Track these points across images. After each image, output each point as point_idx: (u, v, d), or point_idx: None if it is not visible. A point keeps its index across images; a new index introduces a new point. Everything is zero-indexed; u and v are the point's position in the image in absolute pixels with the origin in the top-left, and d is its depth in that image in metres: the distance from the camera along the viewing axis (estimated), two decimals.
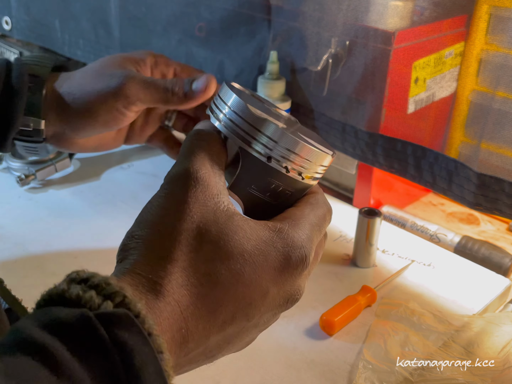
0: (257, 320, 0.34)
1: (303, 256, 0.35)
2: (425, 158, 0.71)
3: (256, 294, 0.33)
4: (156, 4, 1.00)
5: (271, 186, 0.36)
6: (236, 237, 0.33)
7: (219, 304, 0.32)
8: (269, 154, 0.35)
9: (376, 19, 0.71)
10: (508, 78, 0.61)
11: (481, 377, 0.53)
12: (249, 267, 0.32)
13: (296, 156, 0.36)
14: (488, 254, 0.73)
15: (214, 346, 0.33)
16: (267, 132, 0.35)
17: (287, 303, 0.35)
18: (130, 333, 0.26)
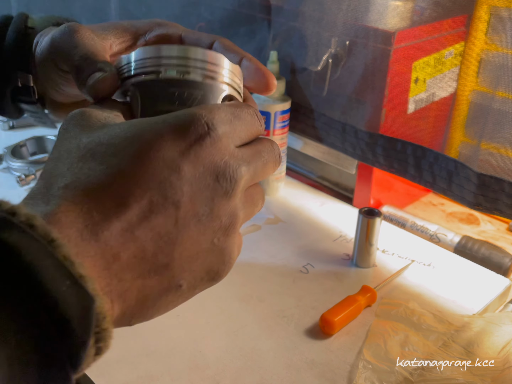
0: (189, 205, 0.30)
1: (207, 122, 0.31)
2: (425, 158, 0.71)
3: (163, 170, 0.29)
4: (156, 4, 1.00)
5: (174, 95, 0.36)
6: (116, 127, 0.31)
7: (123, 192, 0.28)
8: (150, 70, 0.36)
9: (376, 19, 0.71)
10: (508, 78, 0.61)
11: (481, 377, 0.53)
12: (143, 142, 0.29)
13: (171, 58, 0.36)
14: (488, 254, 0.73)
15: (153, 247, 0.29)
16: (137, 56, 0.37)
17: (218, 181, 0.30)
18: (10, 230, 0.24)
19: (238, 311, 0.62)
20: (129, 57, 0.37)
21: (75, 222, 0.27)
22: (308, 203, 0.85)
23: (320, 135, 0.84)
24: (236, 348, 0.57)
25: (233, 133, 0.32)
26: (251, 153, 0.33)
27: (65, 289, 0.24)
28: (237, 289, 0.65)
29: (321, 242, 0.75)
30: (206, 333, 0.58)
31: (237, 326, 0.60)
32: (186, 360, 0.55)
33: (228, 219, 0.33)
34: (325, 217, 0.82)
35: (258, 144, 0.35)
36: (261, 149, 0.34)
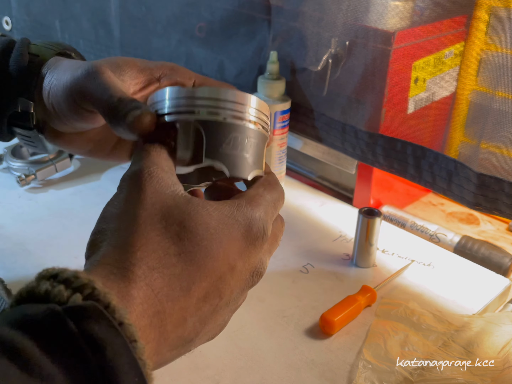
0: (228, 297, 0.35)
1: (262, 227, 0.36)
2: (425, 158, 0.71)
3: (225, 268, 0.34)
4: (156, 4, 1.00)
5: (237, 141, 0.38)
6: (199, 215, 0.33)
7: (192, 282, 0.32)
8: (226, 114, 0.38)
9: (376, 19, 0.71)
10: (507, 78, 0.61)
11: (481, 377, 0.53)
12: (216, 241, 0.33)
13: (247, 107, 0.39)
14: (488, 254, 0.73)
15: (191, 329, 0.33)
16: (214, 95, 0.38)
17: (252, 277, 0.37)
18: (100, 325, 0.26)
19: (238, 311, 0.62)
20: (176, 92, 0.38)
21: (149, 310, 0.30)
22: (308, 203, 0.85)
23: (320, 135, 0.84)
24: (236, 348, 0.57)
25: (276, 242, 0.40)
26: (272, 240, 0.40)
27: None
28: None
29: (321, 242, 0.75)
30: None
31: (237, 326, 0.60)
32: (186, 360, 0.55)
33: (243, 301, 0.39)
34: (325, 217, 0.82)
35: (275, 227, 0.40)
36: (277, 233, 0.41)
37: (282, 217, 0.42)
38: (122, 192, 0.35)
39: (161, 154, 0.37)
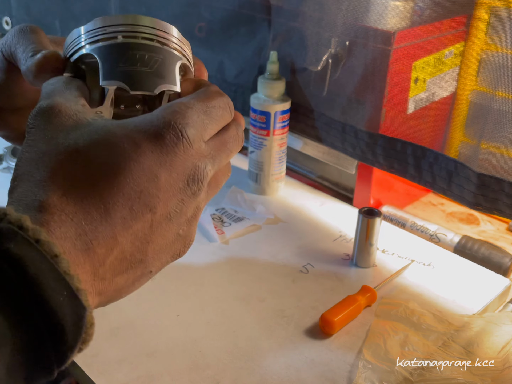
0: (163, 209, 0.32)
1: (182, 129, 0.32)
2: (425, 158, 0.71)
3: (142, 180, 0.31)
4: (156, 4, 1.00)
5: (135, 57, 0.37)
6: (102, 132, 0.32)
7: (106, 201, 0.30)
8: (116, 34, 0.37)
9: (376, 19, 0.71)
10: (507, 78, 0.61)
11: (481, 376, 0.53)
12: (122, 152, 0.31)
13: (143, 27, 0.38)
14: (488, 254, 0.73)
15: (131, 248, 0.32)
16: (106, 23, 0.38)
17: (189, 185, 0.33)
18: (16, 242, 0.26)
19: (238, 311, 0.62)
20: (78, 31, 0.38)
21: (68, 232, 0.29)
22: (308, 203, 0.85)
23: (320, 135, 0.84)
24: (236, 348, 0.57)
25: (204, 133, 0.35)
26: (217, 146, 0.36)
27: (62, 299, 0.27)
28: (237, 289, 0.65)
29: (321, 242, 0.75)
30: (206, 333, 0.59)
31: (237, 326, 0.60)
32: (186, 360, 0.55)
33: (193, 212, 0.35)
34: (325, 217, 0.82)
35: (224, 133, 0.37)
36: (226, 140, 0.37)
37: (240, 124, 0.38)
38: (31, 134, 0.33)
39: (65, 87, 0.35)
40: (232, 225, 0.77)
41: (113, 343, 0.57)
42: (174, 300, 0.63)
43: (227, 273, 0.68)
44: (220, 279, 0.67)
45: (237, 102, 0.94)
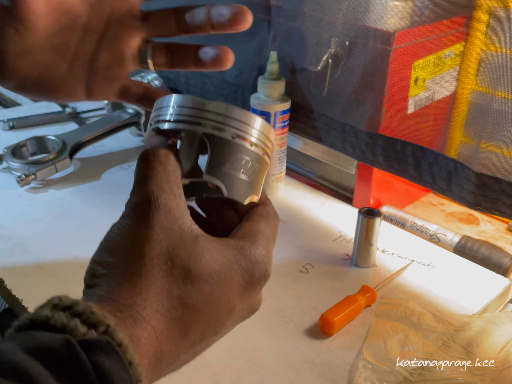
0: (223, 333, 0.37)
1: (265, 271, 0.37)
2: (425, 158, 0.71)
3: (224, 311, 0.35)
4: (156, 4, 1.00)
5: (242, 162, 0.38)
6: (204, 259, 0.34)
7: (191, 325, 0.33)
8: (233, 132, 0.37)
9: (376, 19, 0.71)
10: (507, 78, 0.61)
11: (481, 376, 0.53)
12: (218, 286, 0.34)
13: (255, 130, 0.38)
14: (487, 254, 0.73)
15: (183, 362, 0.36)
16: (221, 111, 0.37)
17: (249, 314, 0.38)
18: (111, 360, 0.27)
19: None
20: (195, 101, 0.37)
21: (149, 350, 0.31)
22: (308, 203, 0.85)
23: (320, 135, 0.84)
24: (236, 348, 0.57)
25: None
26: None
27: None
28: None
29: (321, 242, 0.75)
30: None
31: (237, 326, 0.60)
32: None
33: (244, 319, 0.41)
34: (325, 217, 0.82)
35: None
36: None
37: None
38: (128, 222, 0.34)
39: (167, 169, 0.36)
40: None
41: None
42: None
43: None
44: None
45: (237, 102, 0.94)
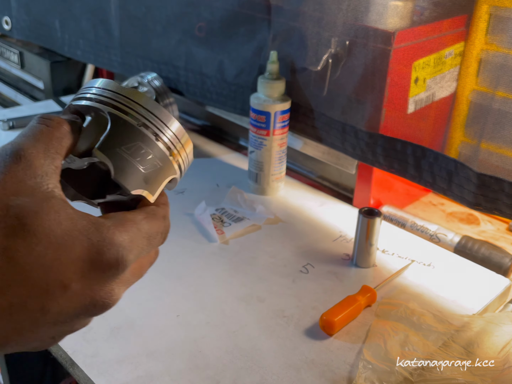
0: (55, 316, 0.31)
1: (119, 257, 0.32)
2: (425, 158, 0.71)
3: (55, 283, 0.30)
4: (156, 4, 1.00)
5: (141, 151, 0.36)
6: (46, 218, 0.30)
7: (8, 284, 0.29)
8: (140, 120, 0.36)
9: (376, 19, 0.71)
10: (508, 78, 0.61)
11: (481, 377, 0.53)
12: (53, 251, 0.30)
13: (167, 129, 0.37)
14: (488, 254, 0.73)
15: (1, 331, 0.30)
16: (138, 100, 0.36)
17: (95, 307, 0.32)
18: None
19: (238, 311, 0.62)
20: (110, 83, 0.37)
21: None
22: (308, 203, 0.85)
23: (320, 135, 0.84)
24: (236, 348, 0.57)
25: (139, 273, 0.35)
26: (136, 271, 0.36)
27: None
28: (237, 289, 0.65)
29: (321, 242, 0.75)
30: (206, 333, 0.59)
31: (237, 326, 0.60)
32: (186, 360, 0.55)
33: (82, 327, 0.35)
34: (325, 217, 0.82)
35: (145, 258, 0.37)
36: (144, 264, 0.37)
37: (158, 250, 0.39)
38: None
39: (52, 134, 0.34)
40: (232, 225, 0.77)
41: (113, 343, 0.57)
42: (174, 300, 0.63)
43: (227, 273, 0.68)
44: (220, 279, 0.67)
45: (237, 102, 0.94)
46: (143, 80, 1.01)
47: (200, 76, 0.98)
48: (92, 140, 0.36)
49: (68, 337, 0.34)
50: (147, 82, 1.00)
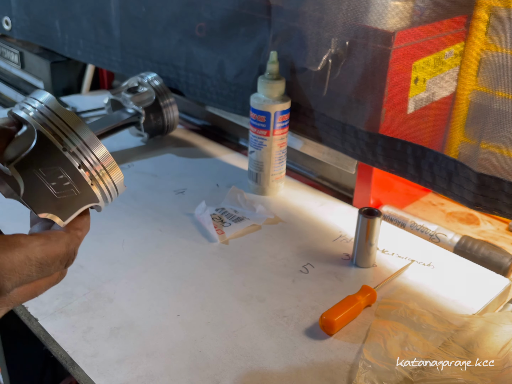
0: None
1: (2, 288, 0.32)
2: (425, 158, 0.71)
3: None
4: (156, 4, 1.00)
5: (59, 176, 0.35)
6: None
7: None
8: (67, 145, 0.35)
9: (376, 19, 0.71)
10: (507, 78, 0.61)
11: (481, 376, 0.53)
12: None
13: (94, 157, 0.36)
14: (487, 254, 0.73)
15: None
16: (71, 124, 0.36)
17: None
18: None
19: (238, 311, 0.62)
20: (48, 100, 0.36)
21: None
22: (308, 203, 0.85)
23: (320, 135, 0.84)
24: (236, 348, 0.57)
25: (30, 285, 0.35)
26: (26, 294, 0.35)
27: None
28: (237, 289, 0.65)
29: (321, 242, 0.75)
30: (206, 333, 0.59)
31: (237, 326, 0.60)
32: (186, 360, 0.55)
33: None
34: (325, 217, 0.82)
35: (41, 281, 0.36)
36: (37, 291, 0.36)
37: (60, 274, 0.38)
38: None
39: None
40: (232, 225, 0.77)
41: (113, 343, 0.57)
42: (174, 300, 0.63)
43: (227, 273, 0.68)
44: (220, 279, 0.67)
45: (237, 102, 0.94)
46: (143, 80, 1.01)
47: (200, 76, 0.98)
48: (19, 151, 0.35)
49: (69, 337, 0.34)
50: (147, 82, 1.00)
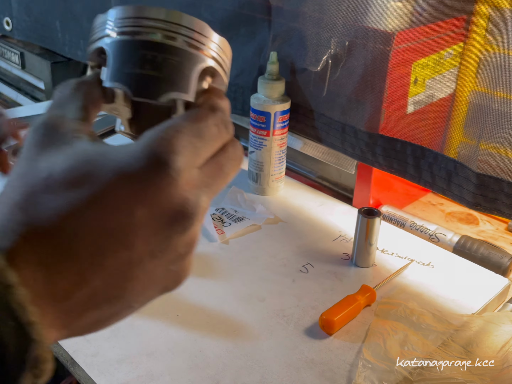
0: (144, 247, 0.29)
1: (167, 161, 0.28)
2: (424, 158, 0.72)
3: (115, 216, 0.29)
4: (156, 4, 1.00)
5: (147, 58, 0.33)
6: (80, 155, 0.29)
7: (72, 237, 0.28)
8: (128, 30, 0.34)
9: (375, 19, 0.71)
10: (507, 78, 0.61)
11: (480, 376, 0.53)
12: (93, 186, 0.28)
13: (150, 20, 0.34)
14: (487, 253, 0.73)
15: (104, 284, 0.29)
16: (118, 14, 0.35)
17: (176, 219, 0.29)
18: None
19: (238, 311, 0.62)
20: (103, 17, 0.36)
21: (30, 262, 0.27)
22: (308, 203, 0.85)
23: (320, 135, 0.84)
24: (236, 347, 0.57)
25: (195, 158, 0.31)
26: (213, 172, 0.32)
27: (7, 330, 0.25)
28: (237, 289, 0.66)
29: (321, 242, 0.75)
30: (206, 333, 0.59)
31: (237, 326, 0.60)
32: (186, 359, 0.55)
33: (185, 248, 0.32)
34: (324, 217, 0.82)
35: (221, 155, 0.33)
36: (223, 162, 0.33)
37: (238, 143, 0.34)
38: (24, 151, 0.31)
39: (67, 99, 0.33)
40: (232, 225, 0.77)
41: (113, 343, 0.57)
42: (174, 300, 0.63)
43: (227, 273, 0.69)
44: (220, 279, 0.67)
45: (237, 102, 0.94)
46: None
47: None
48: None
49: None
50: None
